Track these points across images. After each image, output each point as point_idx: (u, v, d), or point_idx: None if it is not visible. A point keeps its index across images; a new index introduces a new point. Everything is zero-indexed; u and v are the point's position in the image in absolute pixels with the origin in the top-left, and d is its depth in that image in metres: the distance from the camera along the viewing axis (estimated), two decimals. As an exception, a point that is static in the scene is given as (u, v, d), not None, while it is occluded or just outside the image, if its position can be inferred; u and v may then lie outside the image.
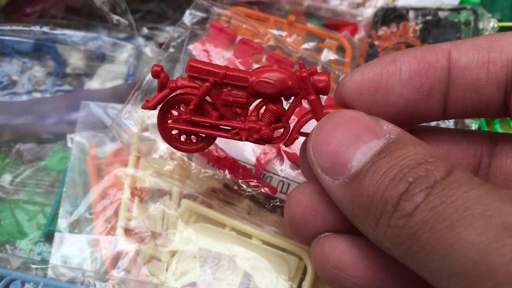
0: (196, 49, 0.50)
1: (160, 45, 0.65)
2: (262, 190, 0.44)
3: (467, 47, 0.27)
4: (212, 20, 0.52)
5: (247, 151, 0.45)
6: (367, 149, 0.25)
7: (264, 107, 0.32)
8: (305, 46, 0.60)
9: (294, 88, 0.30)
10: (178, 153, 0.45)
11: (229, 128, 0.32)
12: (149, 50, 0.64)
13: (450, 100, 0.28)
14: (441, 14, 0.60)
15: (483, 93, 0.27)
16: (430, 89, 0.28)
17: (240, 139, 0.32)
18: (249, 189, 0.44)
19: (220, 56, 0.50)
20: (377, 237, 0.24)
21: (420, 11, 0.60)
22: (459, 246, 0.20)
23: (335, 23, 0.67)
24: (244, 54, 0.50)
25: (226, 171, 0.44)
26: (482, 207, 0.20)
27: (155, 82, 0.32)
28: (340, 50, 0.62)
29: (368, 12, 0.65)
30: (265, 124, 0.32)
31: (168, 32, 0.66)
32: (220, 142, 0.45)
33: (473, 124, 0.52)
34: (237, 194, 0.45)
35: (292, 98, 0.31)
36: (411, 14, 0.61)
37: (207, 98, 0.32)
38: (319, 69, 0.52)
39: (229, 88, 0.31)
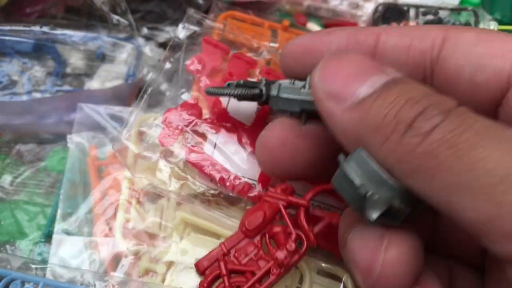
0: (191, 66, 0.49)
1: (160, 44, 0.65)
2: None
3: (395, 32, 0.30)
4: (205, 35, 0.51)
5: (251, 166, 0.45)
6: (376, 80, 0.25)
7: (267, 235, 0.35)
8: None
9: (277, 210, 0.36)
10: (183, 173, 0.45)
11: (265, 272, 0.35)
12: (149, 50, 0.64)
13: None
14: (442, 13, 0.60)
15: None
16: None
17: (281, 273, 0.34)
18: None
19: (216, 75, 0.49)
20: (381, 154, 0.24)
21: (421, 9, 0.60)
22: (483, 164, 0.20)
23: (335, 23, 0.67)
24: (238, 68, 0.50)
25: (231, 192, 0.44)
26: (502, 132, 0.21)
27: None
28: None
29: (369, 7, 0.65)
30: (281, 246, 0.35)
31: (168, 32, 0.66)
32: (222, 157, 0.45)
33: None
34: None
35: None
36: (412, 13, 0.61)
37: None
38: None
39: (235, 250, 0.36)
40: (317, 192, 0.38)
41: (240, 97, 0.38)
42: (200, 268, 0.35)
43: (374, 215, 0.25)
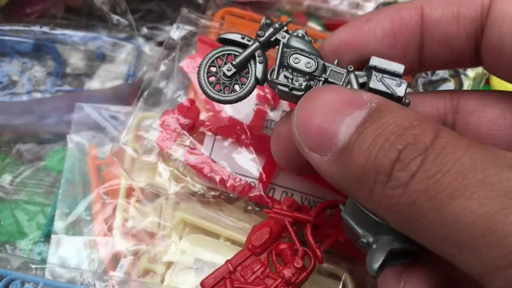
0: (186, 66, 0.49)
1: (159, 44, 0.65)
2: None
3: (438, 2, 0.29)
4: (200, 35, 0.51)
5: (250, 165, 0.45)
6: (350, 121, 0.25)
7: (273, 252, 0.36)
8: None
9: (283, 226, 0.37)
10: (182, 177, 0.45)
11: None
12: (149, 50, 0.64)
13: (424, 54, 0.30)
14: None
15: (454, 46, 0.29)
16: (405, 45, 0.30)
17: None
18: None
19: None
20: (371, 206, 0.24)
21: None
22: (463, 216, 0.20)
23: (335, 23, 0.67)
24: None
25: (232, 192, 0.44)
26: (480, 174, 0.20)
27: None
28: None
29: (369, 7, 0.65)
30: (288, 263, 0.35)
31: (168, 32, 0.66)
32: (221, 157, 0.45)
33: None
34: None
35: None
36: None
37: None
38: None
39: (242, 268, 0.36)
40: (322, 209, 0.39)
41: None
42: (206, 286, 0.35)
43: (375, 265, 0.25)
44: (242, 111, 0.46)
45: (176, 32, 0.51)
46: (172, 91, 0.49)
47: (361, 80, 0.30)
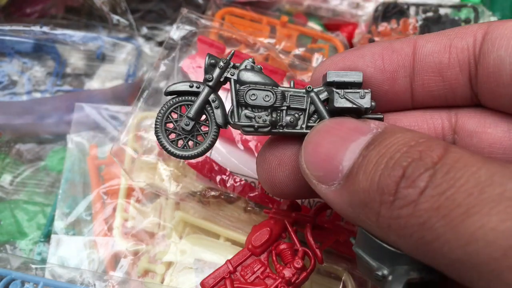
0: (186, 66, 0.49)
1: (159, 44, 0.65)
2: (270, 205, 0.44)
3: (432, 35, 0.29)
4: (200, 35, 0.51)
5: (250, 165, 0.45)
6: (355, 146, 0.24)
7: (273, 252, 0.36)
8: (296, 52, 0.60)
9: (283, 227, 0.37)
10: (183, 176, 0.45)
11: None
12: (149, 50, 0.64)
13: (416, 84, 0.29)
14: (442, 11, 0.60)
15: (447, 76, 0.28)
16: (394, 71, 0.29)
17: None
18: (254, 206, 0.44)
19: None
20: (381, 232, 0.22)
21: (421, 7, 0.60)
22: (481, 235, 0.18)
23: (335, 23, 0.67)
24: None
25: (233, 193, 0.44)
26: (498, 188, 0.18)
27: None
28: (334, 50, 0.62)
29: (369, 6, 0.65)
30: (288, 263, 0.35)
31: (168, 32, 0.66)
32: (221, 156, 0.44)
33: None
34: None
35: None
36: (412, 11, 0.61)
37: None
38: (310, 74, 0.52)
39: (242, 268, 0.36)
40: (321, 209, 0.38)
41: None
42: (206, 287, 0.35)
43: None
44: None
45: (176, 32, 0.51)
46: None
47: (322, 96, 0.29)
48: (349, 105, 0.28)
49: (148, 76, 0.49)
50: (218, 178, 0.43)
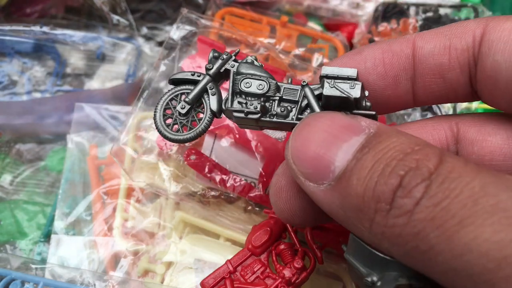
0: (186, 67, 0.49)
1: (159, 44, 0.65)
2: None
3: (430, 35, 0.29)
4: (200, 35, 0.51)
5: (250, 165, 0.45)
6: (348, 147, 0.23)
7: (273, 252, 0.36)
8: (296, 52, 0.60)
9: (283, 227, 0.37)
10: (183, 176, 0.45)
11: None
12: (149, 50, 0.64)
13: (417, 86, 0.29)
14: (442, 11, 0.60)
15: (447, 77, 0.28)
16: (396, 76, 0.29)
17: None
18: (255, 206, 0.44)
19: None
20: (374, 239, 0.22)
21: (421, 7, 0.60)
22: (475, 245, 0.18)
23: (335, 23, 0.67)
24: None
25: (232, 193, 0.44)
26: (492, 199, 0.19)
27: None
28: (334, 50, 0.62)
29: (369, 6, 0.65)
30: (288, 263, 0.35)
31: (168, 32, 0.66)
32: (221, 157, 0.44)
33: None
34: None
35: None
36: (412, 11, 0.61)
37: None
38: (310, 74, 0.52)
39: (242, 268, 0.36)
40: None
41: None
42: (206, 287, 0.35)
43: None
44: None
45: (176, 32, 0.50)
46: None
47: (317, 92, 0.29)
48: (337, 94, 0.28)
49: (148, 76, 0.49)
50: (218, 178, 0.43)
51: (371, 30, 0.60)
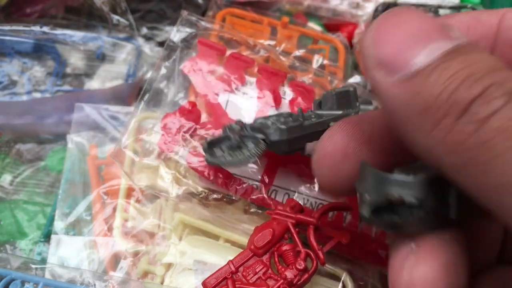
0: (186, 69, 0.48)
1: (159, 44, 0.65)
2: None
3: None
4: (201, 37, 0.50)
5: (252, 167, 0.45)
6: (436, 47, 0.22)
7: (276, 253, 0.36)
8: (297, 53, 0.59)
9: (286, 228, 0.37)
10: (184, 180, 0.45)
11: None
12: (149, 50, 0.64)
13: (495, 55, 0.28)
14: (442, 12, 0.60)
15: None
16: (475, 41, 0.28)
17: None
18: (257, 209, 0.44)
19: (213, 77, 0.48)
20: (428, 143, 0.21)
21: (421, 7, 0.60)
22: None
23: (335, 23, 0.67)
24: (236, 69, 0.49)
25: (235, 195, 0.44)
26: None
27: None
28: (335, 51, 0.62)
29: (369, 6, 0.65)
30: (291, 264, 0.35)
31: (168, 32, 0.66)
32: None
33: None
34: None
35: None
36: (412, 11, 0.61)
37: None
38: (310, 75, 0.52)
39: (244, 269, 0.36)
40: (325, 211, 0.38)
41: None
42: (208, 286, 0.35)
43: (365, 211, 0.24)
44: (244, 113, 0.46)
45: (176, 34, 0.50)
46: (173, 93, 0.49)
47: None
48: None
49: (149, 78, 0.49)
50: (219, 180, 0.43)
51: (371, 30, 0.60)
